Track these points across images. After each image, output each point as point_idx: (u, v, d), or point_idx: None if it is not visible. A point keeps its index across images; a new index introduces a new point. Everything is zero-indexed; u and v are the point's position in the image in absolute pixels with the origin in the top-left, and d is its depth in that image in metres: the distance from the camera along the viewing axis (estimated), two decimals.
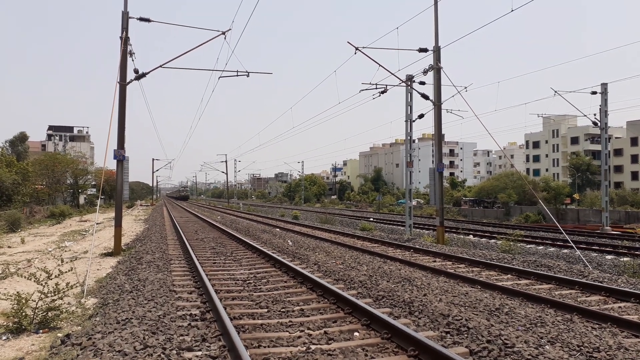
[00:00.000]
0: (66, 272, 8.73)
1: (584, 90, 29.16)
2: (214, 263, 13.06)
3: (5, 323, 7.11)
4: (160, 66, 17.66)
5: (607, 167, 29.45)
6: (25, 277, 8.08)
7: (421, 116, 23.01)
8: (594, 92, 28.80)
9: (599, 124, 29.00)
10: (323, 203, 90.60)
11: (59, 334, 6.75)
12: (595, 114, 29.13)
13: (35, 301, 7.34)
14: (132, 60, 16.96)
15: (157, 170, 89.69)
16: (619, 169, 77.71)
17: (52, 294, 7.45)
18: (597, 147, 76.59)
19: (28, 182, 43.11)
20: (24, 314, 7.09)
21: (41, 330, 7.02)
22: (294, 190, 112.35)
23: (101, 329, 6.43)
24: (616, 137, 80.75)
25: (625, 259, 16.27)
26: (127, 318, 6.91)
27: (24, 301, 7.16)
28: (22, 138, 66.06)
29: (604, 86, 28.56)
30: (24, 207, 39.21)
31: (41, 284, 7.54)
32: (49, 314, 7.31)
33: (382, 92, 22.15)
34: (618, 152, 78.08)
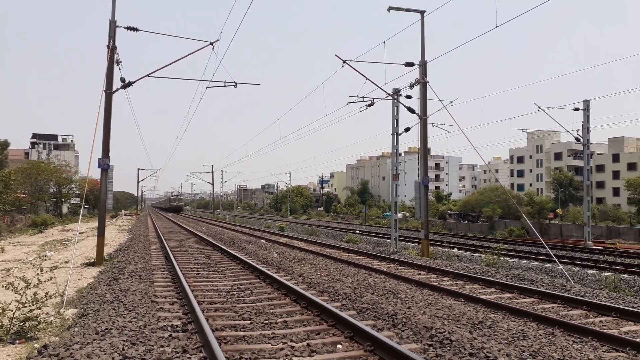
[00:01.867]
0: (46, 281, 8.59)
1: (567, 106, 29.66)
2: (198, 274, 12.93)
3: None
4: (147, 75, 17.62)
5: (589, 183, 29.88)
6: (2, 287, 7.92)
7: (407, 129, 23.17)
8: (576, 109, 29.28)
9: (581, 140, 29.48)
10: (309, 215, 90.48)
11: (36, 345, 6.61)
12: (578, 130, 29.61)
13: (12, 311, 7.19)
14: (119, 69, 16.92)
15: (142, 180, 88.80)
16: (601, 184, 78.93)
17: (30, 304, 7.31)
18: (580, 163, 77.76)
19: (10, 191, 42.38)
20: (0, 323, 6.94)
21: (18, 341, 6.86)
22: (281, 202, 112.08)
23: (79, 340, 6.32)
24: (598, 154, 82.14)
25: (607, 273, 16.45)
26: (106, 328, 6.80)
27: (0, 311, 7.01)
28: (3, 145, 65.02)
29: (586, 103, 29.07)
30: (5, 216, 38.57)
31: (19, 294, 7.39)
32: (27, 324, 7.16)
33: (369, 105, 22.30)
34: (600, 168, 79.37)
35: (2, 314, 7.01)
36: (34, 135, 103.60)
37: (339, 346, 6.43)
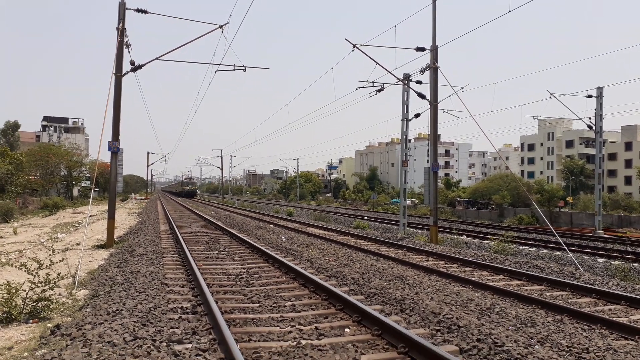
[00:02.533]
0: (57, 262, 8.70)
1: (579, 93, 29.29)
2: (207, 257, 13.03)
3: None
4: (157, 58, 17.59)
5: (601, 171, 29.59)
6: (16, 267, 8.02)
7: (417, 115, 23.04)
8: (589, 96, 28.91)
9: (593, 128, 29.13)
10: (318, 201, 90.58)
11: (49, 325, 6.72)
12: (590, 118, 29.26)
13: (25, 291, 7.29)
14: (129, 52, 16.92)
15: (152, 164, 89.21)
16: (612, 173, 78.16)
17: (43, 284, 7.40)
18: (592, 151, 76.95)
19: (22, 173, 42.87)
20: (13, 303, 7.05)
21: (31, 321, 6.98)
22: (289, 187, 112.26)
23: (91, 320, 6.41)
24: (611, 142, 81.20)
25: (617, 262, 16.36)
26: (117, 310, 6.89)
27: (14, 291, 7.12)
28: (14, 126, 65.58)
29: (600, 90, 28.68)
30: (17, 198, 38.98)
31: (32, 274, 7.49)
32: (39, 304, 7.28)
33: (379, 91, 22.15)
34: (612, 157, 78.51)
35: (16, 294, 7.11)
36: (45, 118, 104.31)
37: (347, 330, 6.47)
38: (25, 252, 14.16)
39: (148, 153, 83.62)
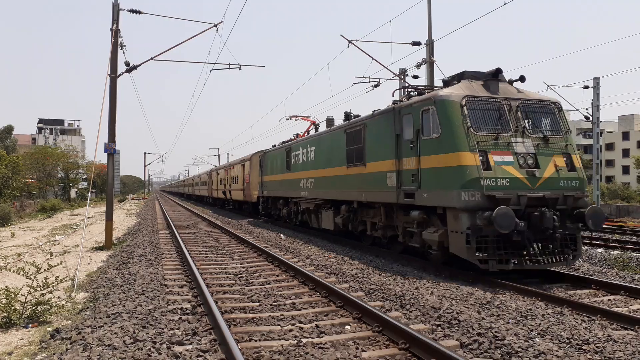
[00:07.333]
0: (56, 266, 8.66)
1: (576, 84, 29.33)
2: (206, 257, 13.01)
3: None
4: (152, 59, 17.51)
5: (599, 161, 29.64)
6: (14, 272, 7.99)
7: None
8: (586, 87, 28.92)
9: (590, 118, 29.16)
10: None
11: (49, 328, 6.70)
12: (587, 108, 29.28)
13: (24, 295, 7.26)
14: (123, 53, 16.83)
15: (149, 164, 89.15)
16: (610, 163, 78.36)
17: (42, 288, 7.37)
18: (589, 142, 77.04)
19: (18, 176, 42.77)
20: (12, 308, 7.02)
21: (30, 325, 6.96)
22: None
23: (91, 323, 6.39)
24: (608, 132, 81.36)
25: (616, 252, 16.36)
26: (117, 312, 6.87)
27: (12, 295, 7.09)
28: (7, 130, 65.44)
29: (596, 80, 28.69)
30: (14, 201, 38.89)
31: (30, 278, 7.47)
32: (39, 308, 7.24)
33: (375, 86, 22.08)
34: (609, 147, 78.70)
35: (15, 298, 7.08)
36: (40, 121, 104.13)
37: (348, 327, 6.47)
38: (23, 256, 14.13)
39: (145, 153, 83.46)
